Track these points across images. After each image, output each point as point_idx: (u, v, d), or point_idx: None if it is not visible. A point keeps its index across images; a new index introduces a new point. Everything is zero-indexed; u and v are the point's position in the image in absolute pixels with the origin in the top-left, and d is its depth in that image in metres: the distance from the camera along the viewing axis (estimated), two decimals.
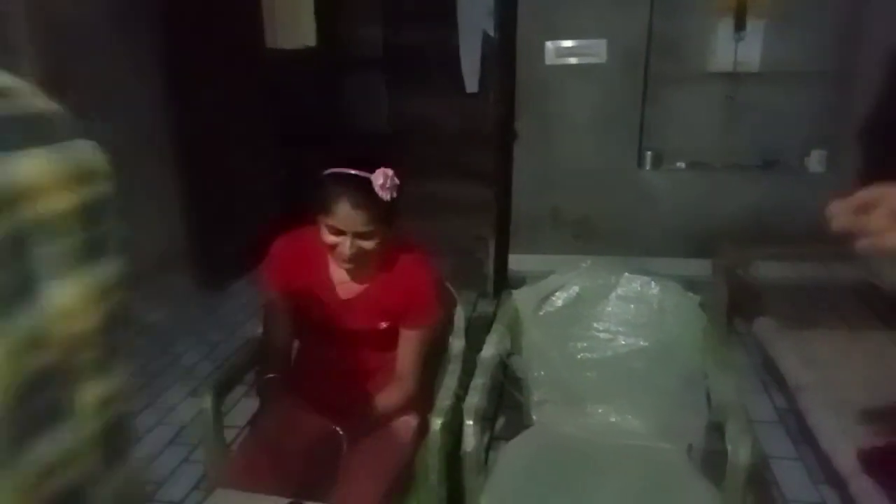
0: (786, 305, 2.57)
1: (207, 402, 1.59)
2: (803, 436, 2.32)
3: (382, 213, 1.43)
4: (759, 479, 2.19)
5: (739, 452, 1.40)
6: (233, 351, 1.75)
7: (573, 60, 3.73)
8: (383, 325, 1.58)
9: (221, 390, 1.62)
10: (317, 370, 1.67)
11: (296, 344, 1.72)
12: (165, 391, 2.78)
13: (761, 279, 2.70)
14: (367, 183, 1.40)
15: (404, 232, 1.58)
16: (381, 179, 1.40)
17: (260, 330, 1.81)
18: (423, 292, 1.58)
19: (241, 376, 1.70)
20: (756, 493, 2.13)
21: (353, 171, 1.41)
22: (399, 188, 1.44)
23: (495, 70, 3.67)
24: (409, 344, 1.60)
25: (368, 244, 1.45)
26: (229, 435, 1.77)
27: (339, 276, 1.58)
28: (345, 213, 1.40)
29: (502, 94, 3.72)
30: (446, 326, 1.75)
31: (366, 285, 1.58)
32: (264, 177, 4.30)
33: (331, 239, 1.44)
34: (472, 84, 4.25)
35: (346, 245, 1.43)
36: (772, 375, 2.58)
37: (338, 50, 6.39)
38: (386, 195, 1.40)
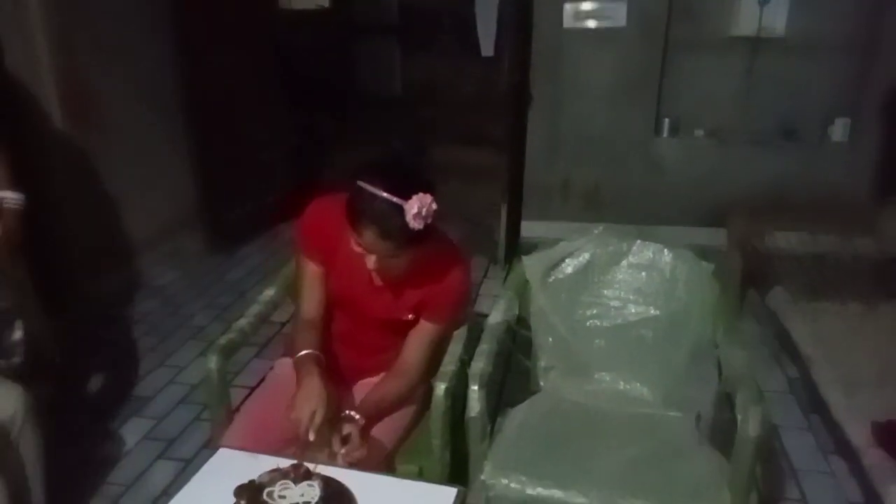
0: (800, 277, 2.52)
1: (213, 362, 1.59)
2: (814, 407, 2.30)
3: (413, 240, 1.31)
4: (768, 448, 2.18)
5: (749, 423, 1.37)
6: (239, 314, 1.73)
7: (591, 24, 3.64)
8: (409, 316, 1.54)
9: (227, 352, 1.62)
10: (331, 340, 1.64)
11: None
12: (176, 352, 2.80)
13: (776, 250, 2.64)
14: (400, 210, 1.26)
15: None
16: (416, 208, 1.26)
17: (267, 294, 1.80)
18: (453, 294, 1.52)
19: (247, 339, 1.70)
20: (764, 462, 2.12)
21: (385, 195, 1.27)
22: (435, 213, 1.30)
23: (511, 33, 3.59)
24: (422, 335, 1.54)
25: (396, 262, 1.37)
26: (241, 394, 1.78)
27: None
28: (371, 239, 1.31)
29: (517, 59, 3.65)
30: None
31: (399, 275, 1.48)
32: (276, 141, 4.26)
33: (357, 249, 1.35)
34: (487, 47, 4.16)
35: (371, 261, 1.35)
36: (784, 347, 2.55)
37: (353, 13, 6.30)
38: (419, 224, 1.27)
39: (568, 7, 3.62)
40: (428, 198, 1.28)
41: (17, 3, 2.68)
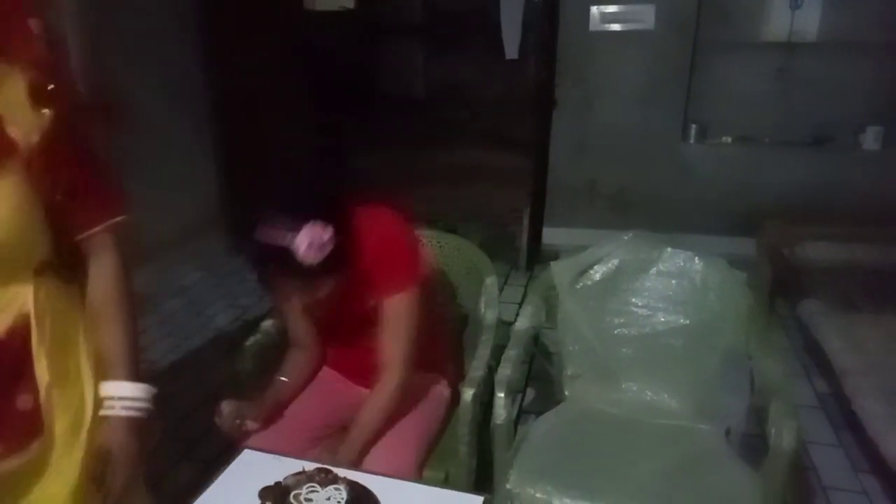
0: (832, 288, 2.46)
1: (242, 364, 1.59)
2: (846, 422, 2.24)
3: (318, 272, 1.23)
4: (797, 464, 2.13)
5: (783, 437, 1.34)
6: (262, 315, 1.73)
7: (618, 27, 3.60)
8: (371, 301, 1.42)
9: (253, 353, 1.61)
10: (333, 364, 1.64)
11: None
12: (198, 352, 2.81)
13: (807, 259, 2.58)
14: (287, 253, 1.19)
15: (364, 197, 1.40)
16: (304, 245, 1.18)
17: None
18: (394, 251, 1.40)
19: (273, 340, 1.69)
20: (793, 478, 2.07)
21: (269, 243, 1.21)
22: (332, 239, 1.22)
23: (536, 36, 3.57)
24: (391, 318, 1.40)
25: (324, 289, 1.30)
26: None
27: None
28: (279, 284, 1.29)
29: (543, 61, 3.62)
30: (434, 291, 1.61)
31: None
32: (300, 142, 4.27)
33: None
34: (511, 50, 4.14)
35: (298, 303, 1.35)
36: (814, 359, 2.49)
37: (377, 14, 6.32)
38: (314, 258, 1.19)
39: (594, 10, 3.59)
40: (318, 226, 1.20)
41: (50, 4, 2.71)
